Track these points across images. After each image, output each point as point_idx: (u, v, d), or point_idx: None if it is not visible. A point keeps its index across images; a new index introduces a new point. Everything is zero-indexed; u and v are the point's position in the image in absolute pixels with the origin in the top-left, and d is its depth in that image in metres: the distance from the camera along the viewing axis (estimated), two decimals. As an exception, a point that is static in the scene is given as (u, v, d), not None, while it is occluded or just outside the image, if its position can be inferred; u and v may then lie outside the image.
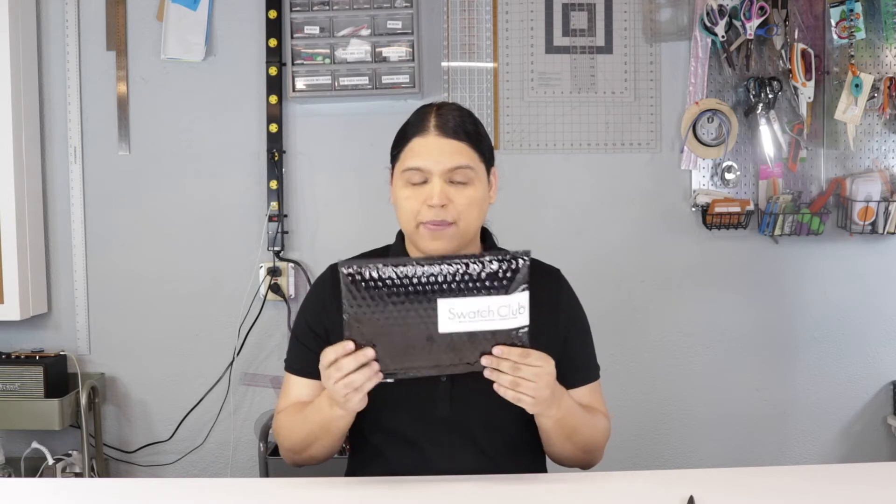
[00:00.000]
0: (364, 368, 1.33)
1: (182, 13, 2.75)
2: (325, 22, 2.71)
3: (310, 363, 1.62)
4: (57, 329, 2.84)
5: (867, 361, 2.85)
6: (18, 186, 2.65)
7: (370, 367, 1.33)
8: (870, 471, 1.61)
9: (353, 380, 1.34)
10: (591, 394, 1.65)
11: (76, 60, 2.78)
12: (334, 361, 1.35)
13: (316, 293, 1.66)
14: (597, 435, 1.59)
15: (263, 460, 2.53)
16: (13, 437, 2.72)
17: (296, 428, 1.57)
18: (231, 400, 2.82)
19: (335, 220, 2.82)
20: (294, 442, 1.58)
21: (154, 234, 2.83)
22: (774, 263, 2.82)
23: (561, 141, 2.80)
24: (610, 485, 1.49)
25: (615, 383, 2.65)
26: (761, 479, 1.51)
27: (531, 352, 1.37)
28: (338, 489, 1.48)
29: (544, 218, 2.81)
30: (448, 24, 2.77)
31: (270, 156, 2.77)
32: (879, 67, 2.72)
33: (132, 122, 2.81)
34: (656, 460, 2.84)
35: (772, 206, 2.70)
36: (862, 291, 2.83)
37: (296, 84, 2.71)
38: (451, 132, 1.52)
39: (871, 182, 2.69)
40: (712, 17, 2.65)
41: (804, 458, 2.85)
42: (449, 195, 1.51)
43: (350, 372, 1.33)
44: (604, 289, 2.77)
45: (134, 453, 2.85)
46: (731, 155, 2.76)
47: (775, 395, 2.86)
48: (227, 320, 2.81)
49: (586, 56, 2.78)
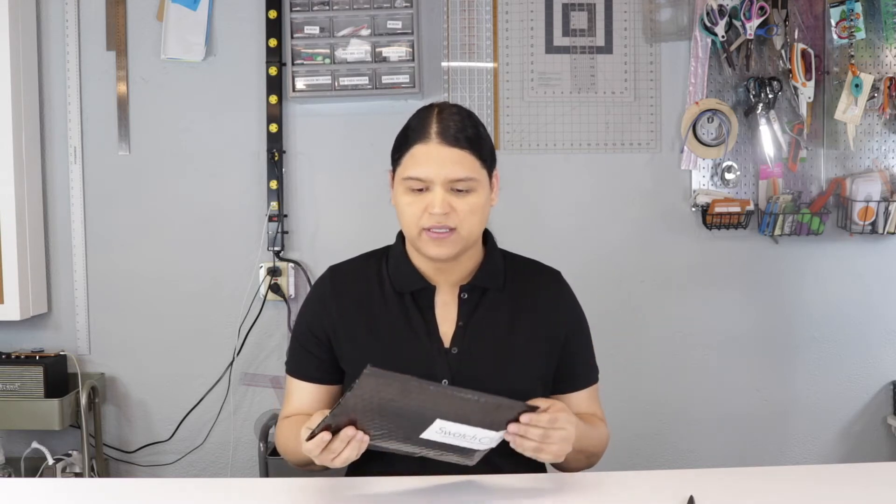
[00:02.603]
0: (353, 443, 1.34)
1: (182, 13, 2.75)
2: (325, 22, 2.71)
3: (311, 367, 1.63)
4: (57, 329, 2.84)
5: (867, 361, 2.85)
6: (18, 186, 2.65)
7: (359, 441, 1.34)
8: (870, 471, 1.61)
9: (349, 456, 1.35)
10: (590, 398, 1.66)
11: (76, 60, 2.78)
12: (325, 448, 1.34)
13: (316, 295, 1.66)
14: (600, 444, 1.62)
15: (263, 460, 2.53)
16: (13, 437, 2.72)
17: (291, 448, 1.58)
18: (231, 400, 2.82)
19: (335, 220, 2.82)
20: (289, 458, 1.61)
21: (154, 234, 2.83)
22: (774, 263, 2.82)
23: (561, 141, 2.80)
24: (610, 485, 1.49)
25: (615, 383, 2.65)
26: (761, 479, 1.51)
27: (558, 416, 1.40)
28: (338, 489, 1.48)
29: (544, 218, 2.81)
30: (448, 24, 2.77)
31: (270, 156, 2.77)
32: (879, 67, 2.72)
33: (132, 122, 2.81)
34: (656, 460, 2.84)
35: (772, 206, 2.70)
36: (862, 291, 2.83)
37: (296, 84, 2.71)
38: (453, 139, 1.50)
39: (871, 182, 2.69)
40: (712, 17, 2.65)
41: (804, 458, 2.85)
42: (451, 203, 1.50)
43: (342, 451, 1.35)
44: (604, 289, 2.76)
45: (134, 453, 2.85)
46: (731, 155, 2.76)
47: (775, 395, 2.86)
48: (227, 320, 2.81)
49: (586, 56, 2.78)
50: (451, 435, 1.35)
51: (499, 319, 1.60)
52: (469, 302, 1.60)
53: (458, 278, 1.61)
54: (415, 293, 1.60)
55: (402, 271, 1.61)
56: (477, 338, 1.57)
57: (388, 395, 1.28)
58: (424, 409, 1.31)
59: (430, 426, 1.33)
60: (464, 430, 1.35)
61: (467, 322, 1.59)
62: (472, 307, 1.60)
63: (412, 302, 1.59)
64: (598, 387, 1.69)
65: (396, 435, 1.36)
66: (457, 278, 1.60)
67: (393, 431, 1.35)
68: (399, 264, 1.61)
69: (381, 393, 1.27)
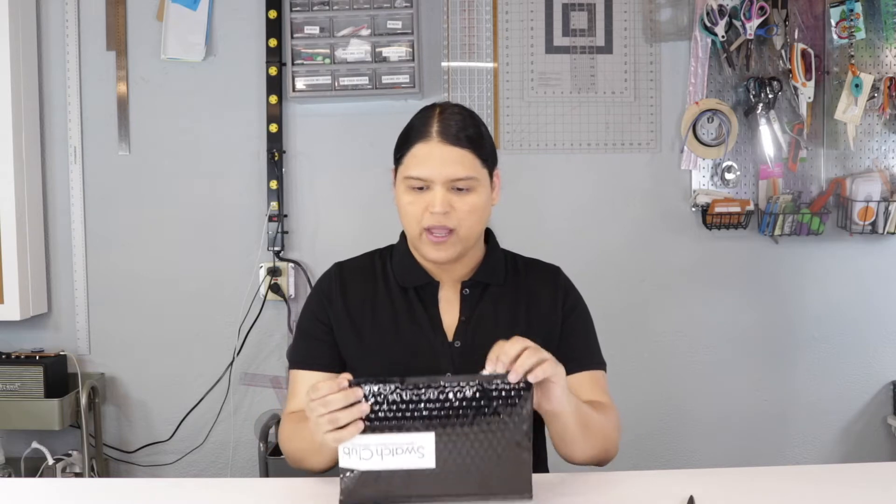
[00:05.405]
0: (352, 408, 1.30)
1: (182, 13, 2.75)
2: (325, 22, 2.71)
3: (319, 353, 1.62)
4: (57, 329, 2.84)
5: (867, 361, 2.85)
6: (18, 186, 2.65)
7: (358, 409, 1.31)
8: (870, 471, 1.61)
9: (338, 417, 1.30)
10: (593, 384, 1.61)
11: (76, 61, 2.78)
12: (323, 396, 1.31)
13: (321, 288, 1.66)
14: (608, 426, 1.56)
15: (263, 460, 2.53)
16: (13, 437, 2.72)
17: (292, 439, 1.57)
18: (231, 400, 2.82)
19: (335, 220, 2.82)
20: (289, 452, 1.59)
21: (154, 234, 2.83)
22: (774, 263, 2.82)
23: (561, 141, 2.80)
24: (610, 485, 1.49)
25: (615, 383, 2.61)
26: (761, 479, 1.51)
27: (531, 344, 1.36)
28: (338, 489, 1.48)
29: (544, 218, 2.81)
30: (448, 24, 2.77)
31: (270, 156, 2.77)
32: (879, 67, 2.72)
33: (132, 122, 2.81)
34: (656, 460, 2.84)
35: (772, 206, 2.70)
36: (862, 291, 2.83)
37: (296, 84, 2.71)
38: (454, 138, 1.52)
39: (871, 182, 2.69)
40: (712, 17, 2.65)
41: (804, 458, 2.85)
42: (451, 202, 1.51)
43: (336, 409, 1.31)
44: (604, 289, 2.75)
45: (134, 453, 2.85)
46: (731, 155, 2.76)
47: (775, 395, 2.86)
48: (227, 320, 2.81)
49: (586, 56, 2.78)
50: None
51: (500, 314, 1.61)
52: (471, 297, 1.62)
53: (460, 275, 1.62)
54: (418, 289, 1.62)
55: (405, 267, 1.63)
56: (479, 332, 1.58)
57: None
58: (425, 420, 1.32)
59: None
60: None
61: (469, 317, 1.60)
62: (474, 302, 1.62)
63: (416, 297, 1.61)
64: (604, 377, 1.65)
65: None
66: (459, 275, 1.62)
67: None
68: (403, 260, 1.64)
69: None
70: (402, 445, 1.31)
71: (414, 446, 1.31)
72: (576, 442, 1.49)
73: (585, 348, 1.65)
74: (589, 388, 1.60)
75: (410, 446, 1.31)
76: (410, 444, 1.31)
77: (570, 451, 1.52)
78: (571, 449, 1.51)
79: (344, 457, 1.32)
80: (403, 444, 1.31)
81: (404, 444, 1.31)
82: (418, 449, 1.31)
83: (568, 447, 1.51)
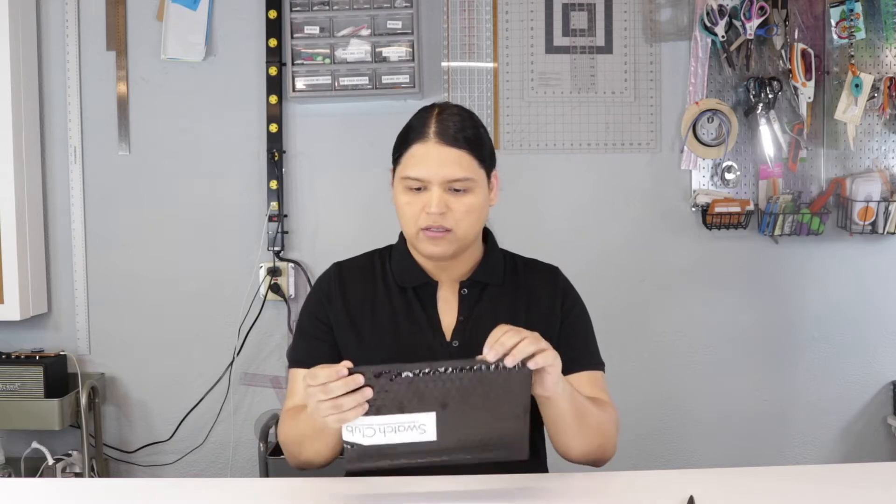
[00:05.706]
0: (355, 394, 1.31)
1: (182, 13, 2.75)
2: (325, 22, 2.71)
3: (318, 352, 1.62)
4: (57, 329, 2.84)
5: (867, 361, 2.85)
6: (18, 186, 2.65)
7: (361, 394, 1.31)
8: (870, 471, 1.61)
9: (343, 403, 1.31)
10: (592, 384, 1.62)
11: (76, 61, 2.78)
12: (323, 384, 1.32)
13: (320, 288, 1.67)
14: (606, 421, 1.56)
15: (263, 460, 2.53)
16: (13, 437, 2.72)
17: (291, 429, 1.57)
18: (231, 400, 2.82)
19: (335, 220, 2.82)
20: (288, 441, 1.59)
21: (154, 234, 2.83)
22: (774, 263, 2.82)
23: (561, 141, 2.80)
24: (610, 485, 1.49)
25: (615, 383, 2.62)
26: (761, 479, 1.51)
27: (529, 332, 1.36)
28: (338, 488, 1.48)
29: (544, 218, 2.81)
30: (448, 24, 2.77)
31: (270, 156, 2.77)
32: (879, 67, 2.72)
33: (132, 122, 2.81)
34: (656, 460, 2.84)
35: (772, 206, 2.70)
36: (862, 291, 2.83)
37: (296, 84, 2.71)
38: (451, 139, 1.52)
39: (871, 182, 2.69)
40: (712, 17, 2.65)
41: (804, 458, 2.85)
42: (448, 203, 1.52)
43: (338, 396, 1.31)
44: (604, 289, 2.76)
45: (134, 453, 2.85)
46: (731, 155, 2.76)
47: (775, 395, 2.86)
48: (227, 320, 2.81)
49: (586, 56, 2.78)
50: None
51: (498, 313, 1.61)
52: (469, 297, 1.62)
53: (458, 274, 1.63)
54: (417, 288, 1.62)
55: (404, 267, 1.64)
56: (477, 331, 1.58)
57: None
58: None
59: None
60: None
61: (468, 316, 1.61)
62: (472, 302, 1.62)
63: (414, 297, 1.62)
64: (603, 377, 1.66)
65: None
66: (457, 274, 1.63)
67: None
68: (401, 260, 1.64)
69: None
70: (404, 424, 1.34)
71: (416, 424, 1.34)
72: (570, 432, 1.49)
73: (584, 348, 1.66)
74: (588, 388, 1.60)
75: (412, 424, 1.34)
76: (412, 423, 1.34)
77: (566, 444, 1.52)
78: (567, 441, 1.51)
79: (347, 433, 1.35)
80: (405, 423, 1.34)
81: (406, 422, 1.34)
82: (420, 426, 1.34)
83: (563, 438, 1.51)
